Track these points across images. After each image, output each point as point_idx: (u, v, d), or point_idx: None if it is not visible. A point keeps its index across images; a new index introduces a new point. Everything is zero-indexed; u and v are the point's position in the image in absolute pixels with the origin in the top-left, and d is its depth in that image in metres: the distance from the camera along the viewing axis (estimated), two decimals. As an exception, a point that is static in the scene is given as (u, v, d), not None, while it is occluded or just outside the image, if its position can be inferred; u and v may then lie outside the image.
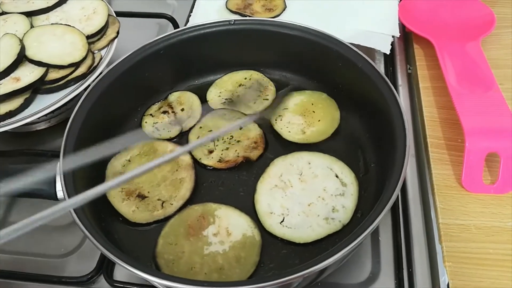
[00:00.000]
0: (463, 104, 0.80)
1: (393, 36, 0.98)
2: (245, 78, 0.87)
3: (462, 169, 0.75)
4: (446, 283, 0.65)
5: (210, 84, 0.87)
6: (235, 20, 0.83)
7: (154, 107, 0.84)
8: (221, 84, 0.87)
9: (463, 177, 0.75)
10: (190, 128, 0.80)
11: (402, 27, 1.02)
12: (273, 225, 0.67)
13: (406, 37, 1.04)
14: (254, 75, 0.88)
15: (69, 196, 0.60)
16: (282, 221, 0.67)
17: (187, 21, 1.05)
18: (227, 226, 0.67)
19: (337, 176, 0.71)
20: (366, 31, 0.98)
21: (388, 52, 0.95)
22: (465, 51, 0.91)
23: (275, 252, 0.65)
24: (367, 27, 0.98)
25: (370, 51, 0.94)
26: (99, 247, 0.56)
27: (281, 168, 0.73)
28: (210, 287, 0.53)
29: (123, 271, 0.72)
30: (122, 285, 0.70)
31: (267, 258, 0.65)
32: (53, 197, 0.63)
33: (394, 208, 0.77)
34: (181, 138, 0.80)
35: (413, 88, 0.95)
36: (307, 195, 0.69)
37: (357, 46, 0.78)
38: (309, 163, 0.73)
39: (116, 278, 0.71)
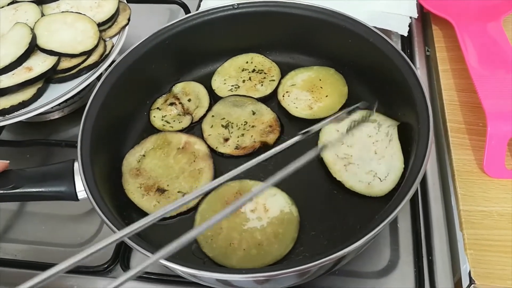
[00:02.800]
0: (485, 86, 0.77)
1: (410, 17, 0.95)
2: (247, 62, 0.86)
3: (484, 154, 0.72)
4: (468, 271, 0.64)
5: (212, 73, 0.86)
6: (238, 4, 0.81)
7: (160, 100, 0.82)
8: (223, 71, 0.85)
9: (484, 162, 0.72)
10: (201, 118, 0.79)
11: (420, 8, 0.98)
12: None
13: (424, 18, 1.01)
14: (255, 57, 0.86)
15: (93, 197, 0.59)
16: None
17: (199, 5, 1.03)
18: (265, 203, 0.67)
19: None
20: (383, 12, 0.95)
21: (405, 34, 0.92)
22: (486, 31, 0.88)
23: (304, 234, 0.65)
24: (384, 8, 0.96)
25: (386, 33, 0.91)
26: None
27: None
28: (216, 272, 0.52)
29: (140, 260, 0.72)
30: (139, 274, 0.70)
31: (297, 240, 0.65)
32: (74, 198, 0.63)
33: (413, 195, 0.75)
34: (193, 128, 0.79)
35: (431, 71, 0.93)
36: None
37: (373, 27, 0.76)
38: None
39: (132, 267, 0.71)
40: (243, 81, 0.84)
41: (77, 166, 0.63)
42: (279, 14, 0.81)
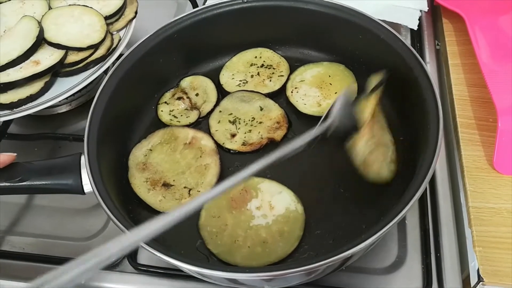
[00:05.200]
0: (496, 81, 0.76)
1: (420, 11, 0.93)
2: (255, 57, 0.85)
3: (494, 150, 0.72)
4: (476, 268, 0.63)
5: (220, 67, 0.85)
6: None
7: (168, 95, 0.82)
8: (231, 66, 0.85)
9: (494, 159, 0.72)
10: (209, 113, 0.79)
11: (430, 1, 0.97)
12: None
13: (435, 11, 1.00)
14: (264, 52, 0.85)
15: (98, 190, 0.59)
16: None
17: (205, -1, 1.02)
18: (270, 200, 0.67)
19: None
20: (392, 5, 0.94)
21: (415, 28, 0.91)
22: (498, 25, 0.87)
23: (309, 233, 0.65)
24: (393, 1, 0.94)
25: (396, 27, 0.90)
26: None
27: None
28: (224, 271, 0.52)
29: (147, 254, 0.72)
30: (145, 268, 0.70)
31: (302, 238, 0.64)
32: (80, 191, 0.63)
33: (422, 191, 0.74)
34: (200, 123, 0.79)
35: (441, 65, 0.91)
36: None
37: (383, 22, 0.75)
38: None
39: (140, 262, 0.71)
40: (252, 76, 0.83)
41: (83, 159, 0.63)
42: (289, 9, 0.80)
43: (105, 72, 0.84)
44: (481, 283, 0.63)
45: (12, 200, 0.81)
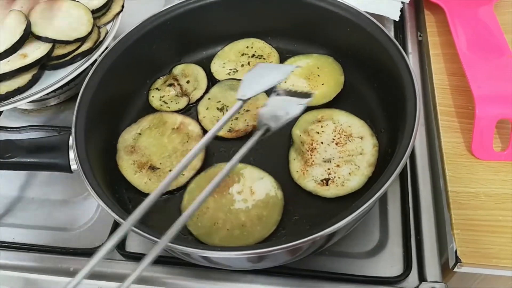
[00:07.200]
0: (474, 70, 0.78)
1: (402, 2, 0.95)
2: (247, 47, 0.87)
3: (472, 136, 0.73)
4: (454, 250, 0.65)
5: (213, 56, 0.87)
6: None
7: (160, 81, 0.84)
8: (223, 55, 0.86)
9: (473, 145, 0.74)
10: (198, 100, 0.81)
11: (413, -7, 0.99)
12: None
13: (417, 3, 1.01)
14: (256, 43, 0.87)
15: (82, 168, 0.60)
16: None
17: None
18: (251, 185, 0.68)
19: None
20: (375, -3, 0.95)
21: (397, 19, 0.92)
22: (477, 16, 0.89)
23: (287, 218, 0.67)
24: (376, -7, 0.96)
25: (379, 19, 0.91)
26: (114, 216, 0.57)
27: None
28: (211, 251, 0.54)
29: (135, 242, 0.73)
30: (134, 255, 0.71)
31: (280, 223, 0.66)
32: (67, 169, 0.65)
33: (403, 177, 0.76)
34: (189, 109, 0.81)
35: (423, 55, 0.93)
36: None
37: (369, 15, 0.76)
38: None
39: (128, 249, 0.72)
40: (242, 65, 0.85)
41: (71, 139, 0.64)
42: (280, 0, 0.81)
43: (92, 64, 0.85)
44: (458, 264, 0.64)
45: (2, 193, 0.82)
